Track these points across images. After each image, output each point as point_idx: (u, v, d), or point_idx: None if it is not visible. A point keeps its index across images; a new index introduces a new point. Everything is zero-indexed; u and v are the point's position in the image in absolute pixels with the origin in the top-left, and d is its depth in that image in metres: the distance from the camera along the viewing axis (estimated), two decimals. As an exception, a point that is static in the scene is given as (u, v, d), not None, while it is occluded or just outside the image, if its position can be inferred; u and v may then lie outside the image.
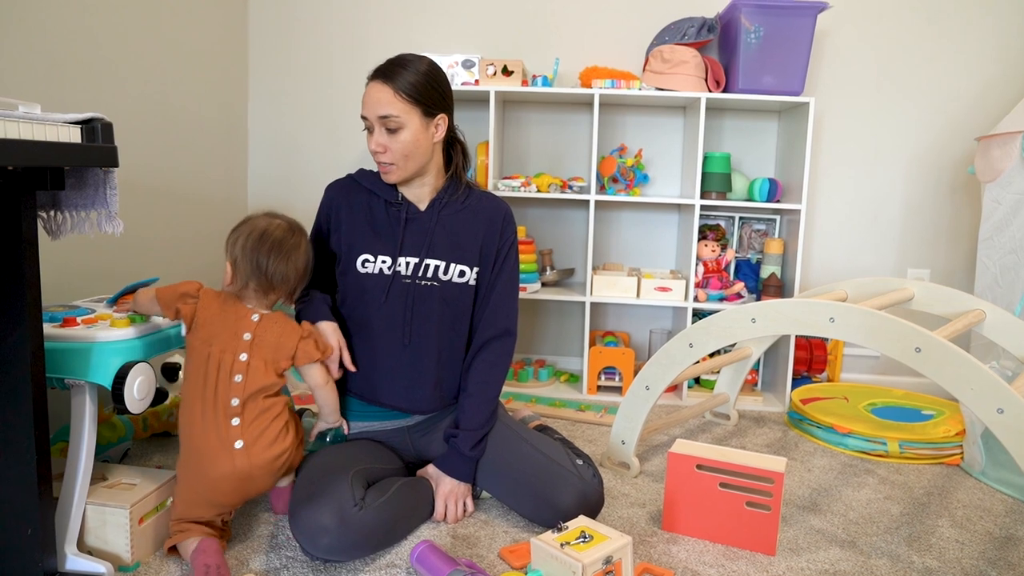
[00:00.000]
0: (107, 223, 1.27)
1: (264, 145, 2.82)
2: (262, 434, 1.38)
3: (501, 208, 1.65)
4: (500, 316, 1.62)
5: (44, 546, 1.19)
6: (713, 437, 2.16)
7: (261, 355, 1.41)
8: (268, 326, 1.44)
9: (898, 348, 1.41)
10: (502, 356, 1.62)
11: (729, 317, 1.67)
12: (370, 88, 1.50)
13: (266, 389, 1.40)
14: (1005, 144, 2.13)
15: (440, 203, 1.60)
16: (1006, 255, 2.14)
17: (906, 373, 2.59)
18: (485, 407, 1.58)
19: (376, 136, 1.50)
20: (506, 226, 1.64)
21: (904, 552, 1.48)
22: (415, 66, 1.50)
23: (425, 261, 1.56)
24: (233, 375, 1.38)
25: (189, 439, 1.37)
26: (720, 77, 2.44)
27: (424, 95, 1.49)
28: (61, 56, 1.82)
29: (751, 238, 2.71)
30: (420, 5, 2.70)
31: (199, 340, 1.39)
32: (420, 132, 1.50)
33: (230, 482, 1.35)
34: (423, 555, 1.31)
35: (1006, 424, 1.28)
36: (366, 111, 1.50)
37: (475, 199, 1.64)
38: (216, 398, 1.37)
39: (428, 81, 1.50)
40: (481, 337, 1.62)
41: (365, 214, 1.60)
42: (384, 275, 1.56)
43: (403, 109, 1.47)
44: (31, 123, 1.05)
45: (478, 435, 1.56)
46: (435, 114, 1.52)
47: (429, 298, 1.56)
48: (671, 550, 1.46)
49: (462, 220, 1.60)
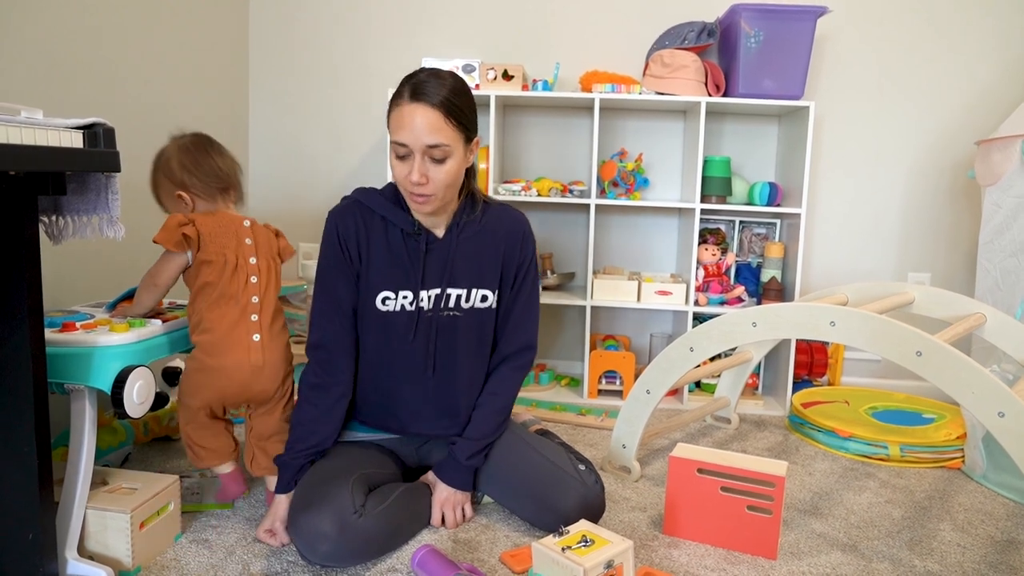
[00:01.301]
0: (109, 228, 1.27)
1: (265, 147, 2.83)
2: (276, 333, 1.52)
3: (519, 225, 1.58)
4: (520, 332, 1.59)
5: (45, 551, 1.18)
6: (714, 441, 2.16)
7: (264, 255, 1.53)
8: (258, 228, 1.55)
9: (899, 352, 1.41)
10: (517, 371, 1.59)
11: (730, 321, 1.67)
12: (412, 111, 1.32)
13: (273, 286, 1.53)
14: (1005, 148, 2.13)
15: (458, 227, 1.51)
16: (1007, 259, 2.14)
17: (907, 377, 2.59)
18: (491, 418, 1.55)
19: (418, 166, 1.34)
20: (525, 243, 1.57)
21: (905, 556, 1.48)
22: (452, 84, 1.35)
23: (447, 291, 1.50)
24: (249, 277, 1.49)
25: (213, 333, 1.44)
26: (720, 81, 2.45)
27: (468, 119, 1.38)
28: (63, 61, 1.82)
29: (751, 242, 2.71)
30: (421, 8, 2.71)
31: (212, 253, 1.45)
32: (463, 160, 1.40)
33: (242, 371, 1.46)
34: (424, 559, 1.31)
35: (1007, 428, 1.28)
36: (409, 137, 1.32)
37: (492, 217, 1.55)
38: (239, 299, 1.47)
39: (467, 102, 1.38)
40: (501, 353, 1.59)
41: (381, 244, 1.48)
42: (407, 311, 1.48)
43: (453, 137, 1.34)
44: (33, 128, 1.05)
45: (479, 445, 1.53)
46: (473, 138, 1.42)
47: (453, 328, 1.51)
48: (672, 554, 1.45)
49: (481, 242, 1.53)
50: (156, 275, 1.47)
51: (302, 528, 1.32)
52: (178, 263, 1.46)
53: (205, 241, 1.45)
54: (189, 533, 1.48)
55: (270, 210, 2.85)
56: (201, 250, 1.45)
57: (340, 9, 2.73)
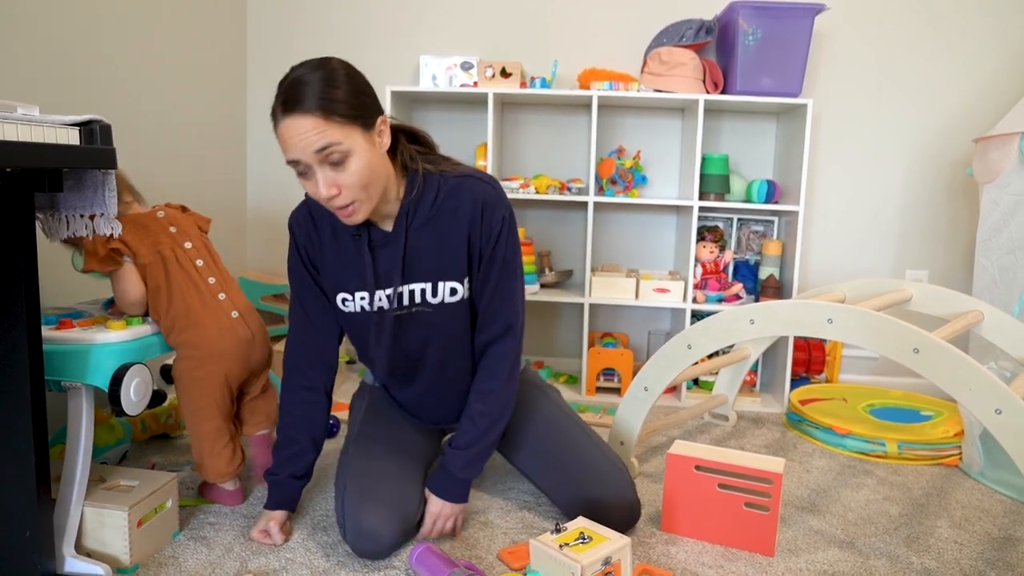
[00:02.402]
0: (105, 225, 1.27)
1: (263, 148, 2.82)
2: (245, 305, 1.58)
3: (479, 197, 1.36)
4: (499, 313, 1.42)
5: (42, 548, 1.18)
6: (712, 438, 2.16)
7: (194, 236, 1.58)
8: (172, 213, 1.60)
9: (896, 349, 1.41)
10: (501, 360, 1.44)
11: (727, 318, 1.67)
12: (289, 125, 1.19)
13: (218, 260, 1.61)
14: (1003, 145, 2.13)
15: (408, 216, 1.35)
16: (1004, 256, 2.14)
17: (905, 374, 2.59)
18: (481, 422, 1.43)
19: (321, 178, 1.20)
20: (490, 216, 1.36)
21: (903, 553, 1.48)
22: (329, 78, 1.20)
23: (408, 287, 1.38)
24: (195, 261, 1.55)
25: (195, 329, 1.48)
26: (718, 79, 2.45)
27: (355, 106, 1.21)
28: (60, 58, 1.82)
29: (749, 239, 2.71)
30: (419, 7, 2.70)
31: (147, 255, 1.48)
32: (369, 151, 1.22)
33: (239, 348, 1.52)
34: (422, 556, 1.31)
35: (1004, 425, 1.28)
36: (297, 153, 1.19)
37: (446, 194, 1.36)
38: (198, 285, 1.52)
39: (350, 87, 1.22)
40: (482, 340, 1.45)
41: (331, 246, 1.40)
42: (367, 312, 1.40)
43: (342, 133, 1.18)
44: (29, 125, 1.05)
45: (470, 455, 1.43)
46: (374, 122, 1.24)
47: (425, 325, 1.42)
48: (670, 551, 1.46)
49: (439, 228, 1.36)
50: (125, 293, 1.47)
51: (363, 524, 1.34)
52: (128, 273, 1.46)
53: (134, 246, 1.46)
54: (187, 530, 1.48)
55: (269, 210, 2.85)
56: (136, 255, 1.46)
57: (339, 8, 2.73)
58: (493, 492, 1.69)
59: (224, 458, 1.53)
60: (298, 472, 1.48)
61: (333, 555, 1.39)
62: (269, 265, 2.85)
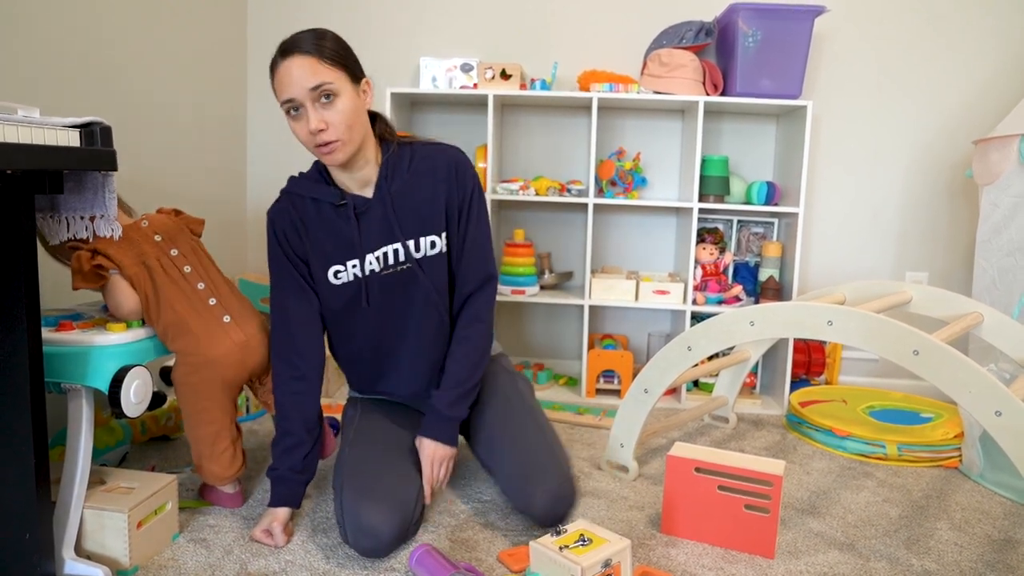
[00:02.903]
0: (106, 227, 1.27)
1: (263, 148, 2.82)
2: (240, 308, 1.58)
3: (451, 159, 1.53)
4: (477, 265, 1.55)
5: (42, 550, 1.18)
6: (712, 440, 2.16)
7: (182, 242, 1.58)
8: (157, 220, 1.59)
9: (896, 351, 1.42)
10: (482, 306, 1.56)
11: (727, 320, 1.67)
12: (288, 65, 1.35)
13: (210, 264, 1.60)
14: (1003, 147, 2.13)
15: (387, 181, 1.48)
16: (1004, 258, 2.14)
17: (905, 376, 2.59)
18: (464, 362, 1.54)
19: (312, 114, 1.35)
20: (462, 176, 1.52)
21: (903, 555, 1.48)
22: (328, 34, 1.40)
23: (393, 247, 1.48)
24: (182, 269, 1.53)
25: (187, 337, 1.47)
26: (718, 80, 2.45)
27: (346, 59, 1.39)
28: (60, 60, 1.82)
29: (749, 241, 2.72)
30: (419, 8, 2.71)
31: (132, 267, 1.46)
32: (354, 98, 1.39)
33: (234, 353, 1.51)
34: (422, 558, 1.31)
35: (1004, 427, 1.28)
36: (291, 90, 1.34)
37: (422, 158, 1.52)
38: (187, 293, 1.51)
39: (344, 46, 1.41)
40: (462, 292, 1.56)
41: (317, 225, 1.49)
42: (359, 279, 1.49)
43: (334, 75, 1.35)
44: (30, 127, 1.05)
45: (456, 392, 1.52)
46: (360, 78, 1.42)
47: (410, 282, 1.51)
48: (670, 553, 1.46)
49: (416, 187, 1.49)
50: (118, 305, 1.47)
51: (362, 521, 1.34)
52: (118, 285, 1.46)
53: (118, 259, 1.45)
54: (187, 532, 1.47)
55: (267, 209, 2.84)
56: (121, 268, 1.45)
57: (339, 8, 2.73)
58: (493, 494, 1.69)
59: (223, 462, 1.53)
60: (296, 466, 1.48)
61: (333, 557, 1.39)
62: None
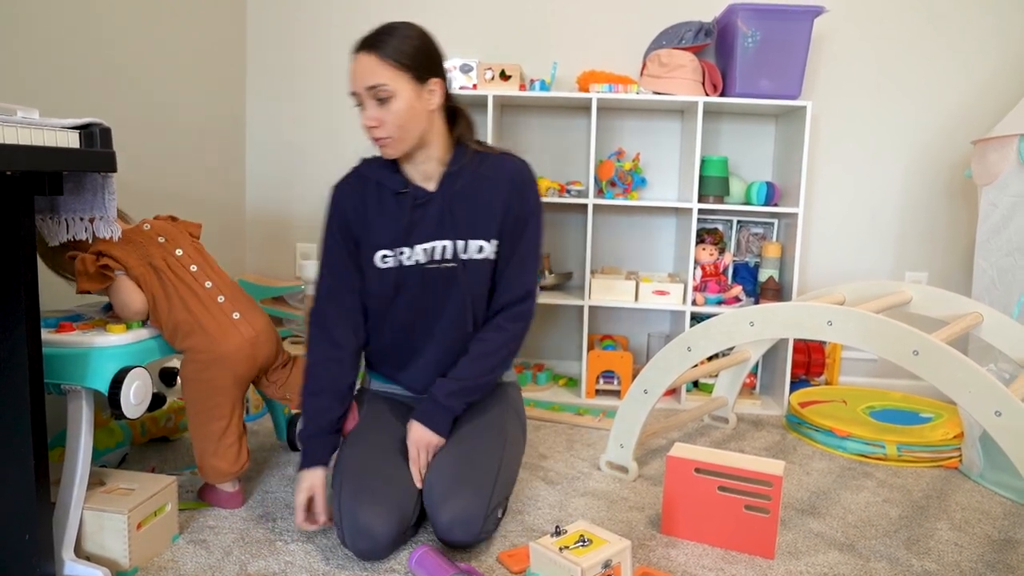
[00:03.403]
0: (105, 228, 1.27)
1: (262, 148, 2.82)
2: (247, 305, 1.59)
3: (519, 172, 1.55)
4: (519, 279, 1.55)
5: (42, 551, 1.18)
6: (711, 441, 2.16)
7: (184, 243, 1.57)
8: (159, 225, 1.60)
9: (896, 351, 1.42)
10: (511, 320, 1.55)
11: (727, 321, 1.67)
12: (355, 61, 1.42)
13: (214, 263, 1.62)
14: (1002, 147, 2.13)
15: (450, 179, 1.51)
16: (1003, 258, 2.14)
17: (904, 376, 2.59)
18: (476, 363, 1.53)
19: (368, 110, 1.41)
20: (526, 191, 1.54)
21: (903, 555, 1.48)
22: (402, 31, 1.42)
23: (443, 243, 1.51)
24: (188, 268, 1.55)
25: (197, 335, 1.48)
26: (717, 81, 2.45)
27: (413, 59, 1.40)
28: (59, 61, 1.82)
29: (749, 241, 2.72)
30: (418, 8, 2.70)
31: (137, 267, 1.47)
32: (413, 100, 1.41)
33: (244, 349, 1.53)
34: (422, 559, 1.31)
35: (1004, 427, 1.28)
36: (354, 85, 1.42)
37: (490, 166, 1.54)
38: (196, 291, 1.52)
39: (416, 45, 1.42)
40: (499, 301, 1.56)
41: (376, 208, 1.53)
42: (404, 266, 1.51)
43: (391, 76, 1.38)
44: (29, 128, 1.05)
45: (457, 385, 1.51)
46: (427, 79, 1.43)
47: (451, 280, 1.52)
48: (670, 554, 1.46)
49: (476, 191, 1.51)
50: (124, 305, 1.47)
51: (360, 522, 1.34)
52: (124, 285, 1.46)
53: (123, 259, 1.46)
54: (187, 534, 1.47)
55: (267, 209, 2.85)
56: (127, 268, 1.46)
57: (339, 9, 2.73)
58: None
59: (228, 457, 1.53)
60: (326, 426, 1.49)
61: (332, 558, 1.39)
62: (268, 268, 2.85)
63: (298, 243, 2.85)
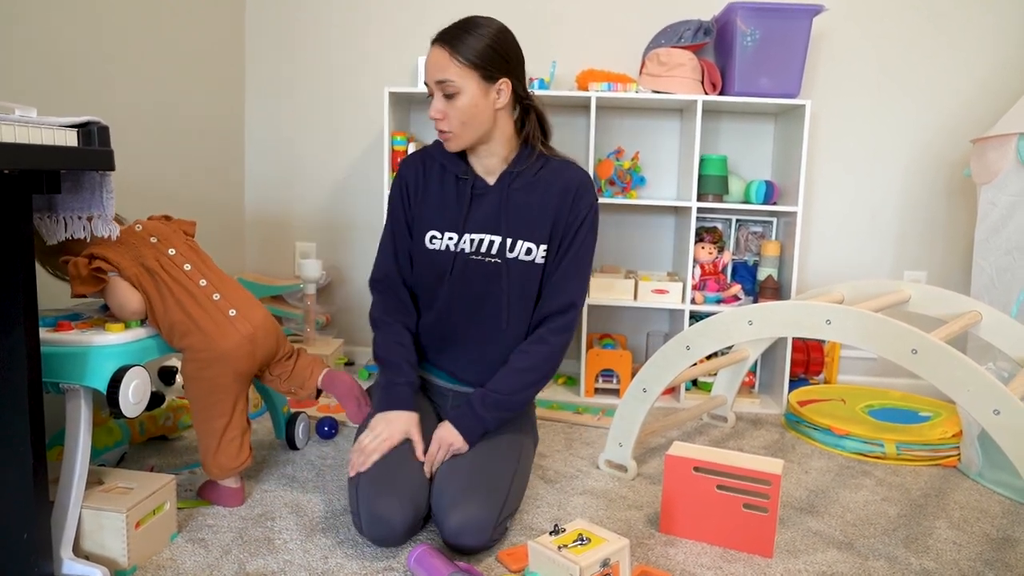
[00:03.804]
0: (103, 227, 1.27)
1: (261, 148, 2.82)
2: (244, 300, 1.58)
3: (577, 179, 1.56)
4: (564, 287, 1.54)
5: (40, 551, 1.18)
6: (710, 439, 2.16)
7: (177, 242, 1.57)
8: (151, 225, 1.59)
9: (894, 350, 1.42)
10: (554, 332, 1.54)
11: (726, 319, 1.67)
12: (430, 52, 1.46)
13: (208, 260, 1.61)
14: (1001, 146, 2.13)
15: (511, 176, 1.54)
16: (1002, 256, 2.14)
17: (903, 375, 2.59)
18: (512, 376, 1.52)
19: (435, 102, 1.46)
20: (580, 199, 1.54)
21: (901, 554, 1.48)
22: (479, 29, 1.45)
23: (491, 238, 1.53)
24: (182, 267, 1.54)
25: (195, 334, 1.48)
26: (716, 80, 2.45)
27: (484, 59, 1.44)
28: (57, 60, 1.81)
29: (748, 240, 2.72)
30: (419, 8, 2.70)
31: (130, 268, 1.47)
32: (479, 98, 1.45)
33: (243, 346, 1.52)
34: (421, 558, 1.31)
35: (1002, 425, 1.28)
36: (426, 76, 1.48)
37: (550, 170, 1.56)
38: (191, 290, 1.51)
39: (490, 44, 1.45)
40: (541, 311, 1.56)
41: (436, 188, 1.57)
42: (450, 251, 1.54)
43: (459, 74, 1.43)
44: (27, 127, 1.05)
45: (493, 398, 1.50)
46: (496, 79, 1.46)
47: (495, 276, 1.54)
48: (669, 552, 1.46)
49: (533, 193, 1.54)
50: (121, 307, 1.46)
51: (376, 511, 1.36)
52: (119, 286, 1.46)
53: (116, 260, 1.45)
54: (185, 532, 1.47)
55: (266, 208, 2.85)
56: (120, 269, 1.46)
57: (338, 9, 2.73)
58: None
59: (230, 452, 1.53)
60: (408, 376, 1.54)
61: (332, 557, 1.39)
62: (267, 266, 2.85)
63: (297, 242, 2.85)
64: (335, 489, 1.69)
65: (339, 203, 2.82)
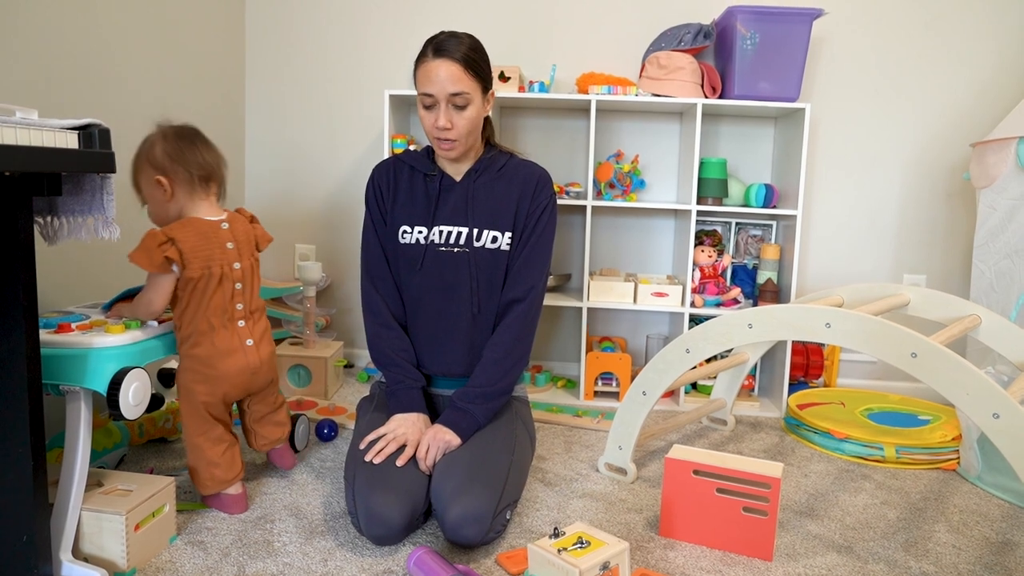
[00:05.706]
0: (104, 229, 1.27)
1: (261, 149, 2.82)
2: (262, 331, 1.60)
3: (537, 173, 1.69)
4: (524, 276, 1.65)
5: (39, 553, 1.18)
6: (710, 442, 2.16)
7: (246, 254, 1.56)
8: (236, 223, 1.57)
9: (894, 353, 1.42)
10: (518, 318, 1.64)
11: (726, 322, 1.67)
12: (435, 65, 1.52)
13: (256, 286, 1.60)
14: (1000, 150, 2.14)
15: (476, 172, 1.66)
16: (1001, 260, 2.15)
17: (903, 378, 2.59)
18: (491, 367, 1.62)
19: (443, 113, 1.53)
20: (539, 191, 1.67)
21: (901, 557, 1.48)
22: (471, 43, 1.55)
23: (458, 229, 1.64)
24: (235, 284, 1.53)
25: (207, 347, 1.49)
26: (716, 83, 2.45)
27: (485, 72, 1.57)
28: (58, 62, 1.82)
29: (747, 244, 2.72)
30: (418, 9, 2.71)
31: (197, 269, 1.46)
32: (481, 107, 1.58)
33: (243, 375, 1.54)
34: (420, 560, 1.31)
35: (1002, 429, 1.28)
36: (434, 88, 1.52)
37: (512, 167, 1.69)
38: (226, 308, 1.51)
39: (484, 58, 1.58)
40: (506, 296, 1.66)
41: (406, 187, 1.68)
42: (420, 244, 1.64)
43: (471, 86, 1.53)
44: (28, 129, 1.05)
45: (474, 392, 1.59)
46: (489, 88, 1.60)
47: (461, 264, 1.63)
48: (668, 556, 1.46)
49: (498, 187, 1.66)
50: (151, 302, 1.46)
51: (373, 509, 1.38)
52: (168, 282, 1.46)
53: (188, 258, 1.44)
54: (184, 535, 1.47)
55: (266, 211, 2.84)
56: (186, 268, 1.45)
57: (338, 11, 2.73)
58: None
59: (222, 467, 1.54)
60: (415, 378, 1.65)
61: (331, 560, 1.39)
62: (267, 268, 2.84)
63: (297, 244, 2.85)
64: (334, 491, 1.69)
65: (339, 206, 2.82)
